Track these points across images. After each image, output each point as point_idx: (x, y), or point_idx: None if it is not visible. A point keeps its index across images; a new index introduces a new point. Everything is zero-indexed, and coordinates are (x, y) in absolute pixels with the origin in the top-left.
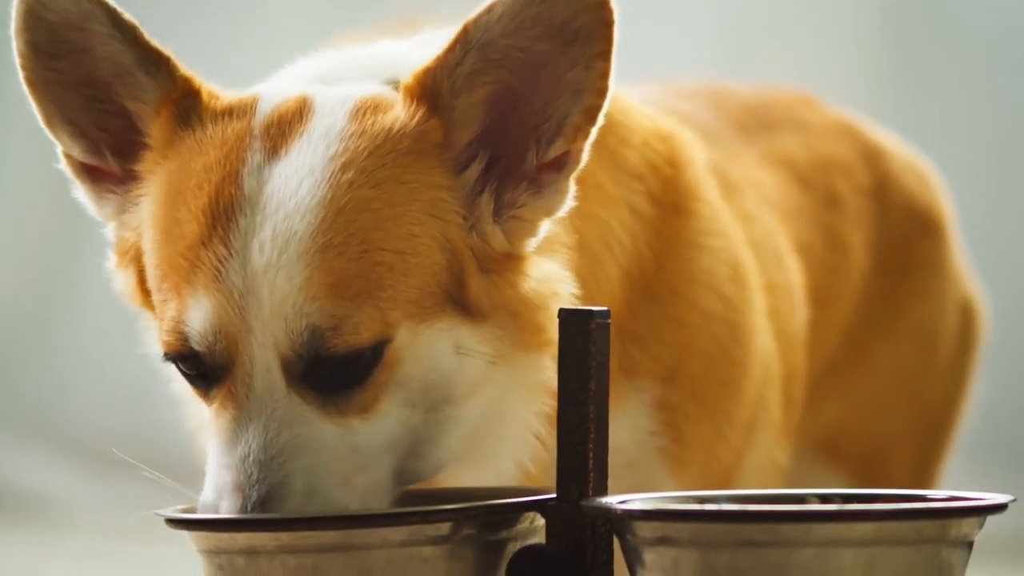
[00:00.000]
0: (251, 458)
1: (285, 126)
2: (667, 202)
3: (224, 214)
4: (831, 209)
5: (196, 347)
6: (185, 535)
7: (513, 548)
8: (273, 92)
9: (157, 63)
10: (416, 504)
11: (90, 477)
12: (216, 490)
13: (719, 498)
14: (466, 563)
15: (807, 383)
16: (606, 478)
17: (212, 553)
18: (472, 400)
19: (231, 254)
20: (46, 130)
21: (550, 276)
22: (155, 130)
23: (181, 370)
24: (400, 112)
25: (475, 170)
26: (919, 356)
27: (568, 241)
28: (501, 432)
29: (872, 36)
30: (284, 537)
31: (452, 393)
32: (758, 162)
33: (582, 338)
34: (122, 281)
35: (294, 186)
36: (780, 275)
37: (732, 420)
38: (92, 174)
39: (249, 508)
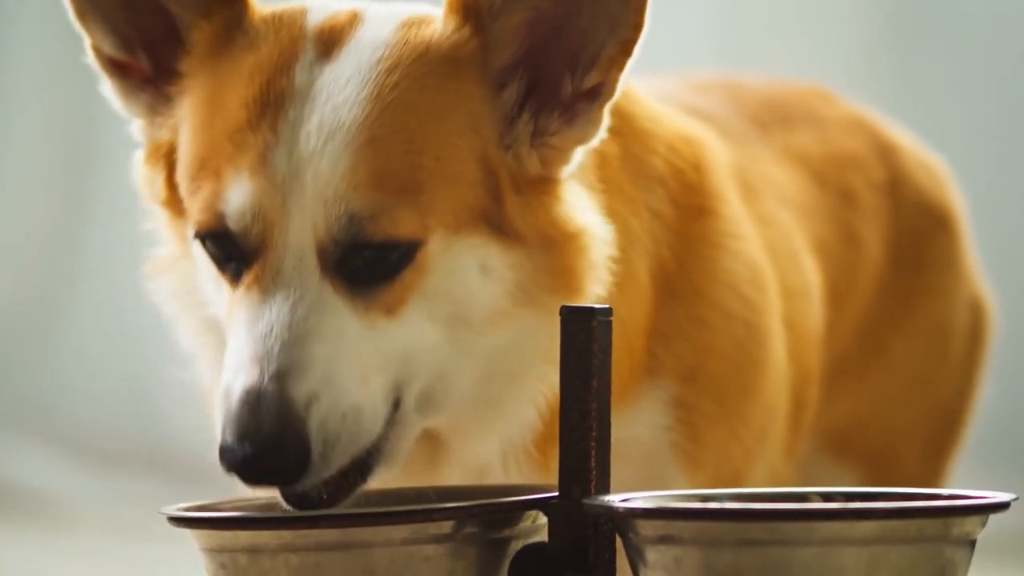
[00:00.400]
0: (273, 335)
1: (337, 32)
2: (689, 204)
3: (274, 103)
4: (846, 205)
5: (232, 226)
6: (187, 533)
7: (516, 546)
8: (321, 5)
9: None
10: (418, 503)
11: (91, 475)
12: (234, 367)
13: (721, 496)
14: (468, 561)
15: (821, 381)
16: (608, 476)
17: (214, 551)
18: (492, 331)
19: (278, 140)
20: (77, 24)
21: (584, 207)
22: (201, 32)
23: (210, 252)
24: (440, 25)
25: (513, 92)
26: (931, 352)
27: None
28: (514, 384)
29: (872, 34)
30: (286, 535)
31: (473, 315)
32: (775, 159)
33: (584, 335)
34: (147, 177)
35: (343, 83)
36: (797, 278)
37: (748, 423)
38: (120, 70)
39: (264, 381)
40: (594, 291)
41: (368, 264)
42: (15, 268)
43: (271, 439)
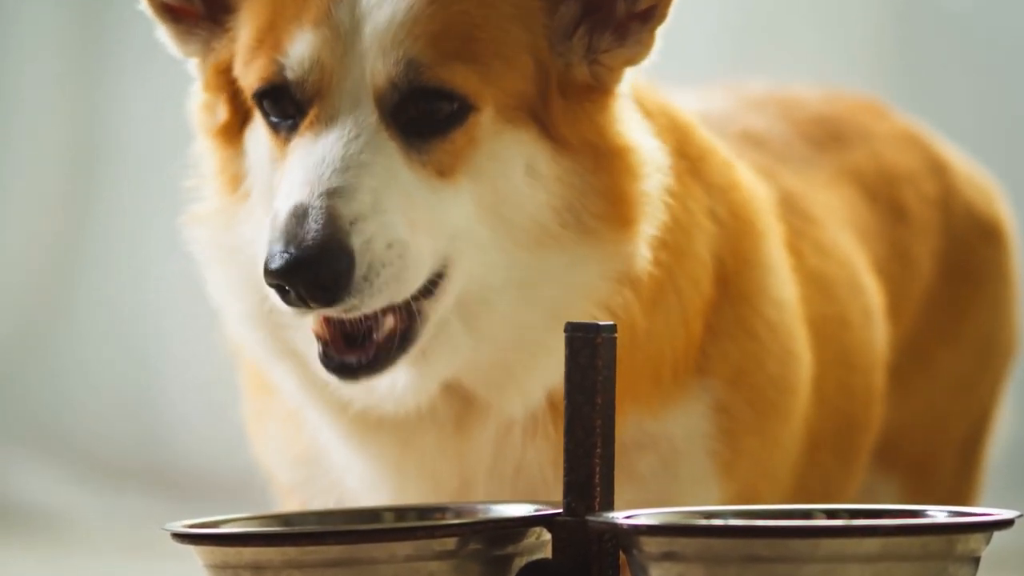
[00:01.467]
0: (326, 163)
1: None
2: (747, 218)
3: None
4: (898, 221)
5: (290, 76)
6: (191, 550)
7: (519, 563)
8: None
9: None
10: (422, 519)
11: (94, 491)
12: (286, 196)
13: (725, 513)
14: None
15: None
16: (612, 493)
17: (219, 568)
18: (537, 250)
19: None
20: None
21: (637, 126)
22: None
23: (267, 113)
24: None
25: (570, 9)
26: (976, 362)
27: (663, 212)
28: (551, 320)
29: (879, 36)
30: (291, 552)
31: (518, 221)
32: (830, 181)
33: (588, 351)
34: (207, 103)
35: None
36: (856, 307)
37: (777, 442)
38: (173, 14)
39: (315, 197)
40: (646, 229)
41: (422, 115)
42: (16, 282)
43: (316, 245)
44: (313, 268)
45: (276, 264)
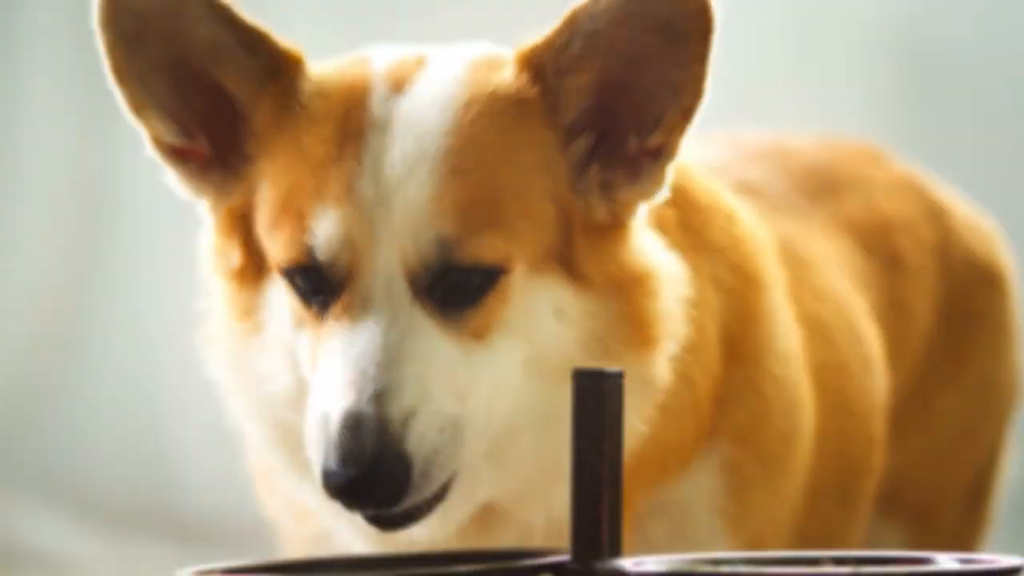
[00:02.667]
0: (368, 358)
1: (406, 70)
2: (747, 274)
3: (354, 135)
4: (893, 272)
5: (320, 257)
6: None
7: None
8: (382, 51)
9: (258, 40)
10: (429, 565)
11: (102, 537)
12: (331, 392)
13: (733, 560)
14: None
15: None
16: (620, 539)
17: None
18: (564, 384)
19: (363, 169)
20: (133, 118)
21: (655, 249)
22: (265, 98)
23: (297, 288)
24: (509, 73)
25: (582, 144)
26: (977, 407)
27: (683, 325)
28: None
29: (884, 79)
30: None
31: (549, 360)
32: (825, 231)
33: (595, 398)
34: (220, 247)
35: (421, 114)
36: (855, 354)
37: (781, 496)
38: (181, 157)
39: (363, 402)
40: (667, 346)
41: (454, 287)
42: (25, 327)
43: (373, 460)
44: (374, 485)
45: (335, 482)
